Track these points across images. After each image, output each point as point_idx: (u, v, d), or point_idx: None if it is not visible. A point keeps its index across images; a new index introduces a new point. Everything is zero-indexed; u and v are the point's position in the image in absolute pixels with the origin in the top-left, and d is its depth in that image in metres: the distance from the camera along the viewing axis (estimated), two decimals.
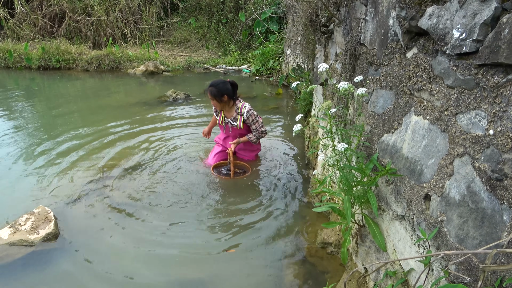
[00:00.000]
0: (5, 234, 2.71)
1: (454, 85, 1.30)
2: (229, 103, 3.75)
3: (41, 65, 10.04)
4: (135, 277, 2.45)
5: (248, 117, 3.75)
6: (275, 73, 9.30)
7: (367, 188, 1.83)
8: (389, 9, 1.76)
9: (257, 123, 3.79)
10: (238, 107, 3.77)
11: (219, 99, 3.64)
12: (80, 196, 3.38)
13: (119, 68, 10.37)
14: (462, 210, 1.27)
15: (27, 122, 5.58)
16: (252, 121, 3.77)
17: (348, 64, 2.26)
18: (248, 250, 2.71)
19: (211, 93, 3.64)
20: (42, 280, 2.42)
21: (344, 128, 2.13)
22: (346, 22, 2.51)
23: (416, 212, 1.56)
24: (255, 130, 3.82)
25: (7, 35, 11.23)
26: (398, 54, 1.71)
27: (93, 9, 11.13)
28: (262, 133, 3.86)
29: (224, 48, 11.85)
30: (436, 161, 1.42)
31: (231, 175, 3.78)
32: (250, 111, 3.74)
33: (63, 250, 2.70)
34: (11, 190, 3.49)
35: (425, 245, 1.49)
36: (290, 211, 3.22)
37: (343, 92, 1.81)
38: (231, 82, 3.75)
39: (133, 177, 3.77)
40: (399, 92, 1.72)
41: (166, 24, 12.92)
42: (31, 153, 4.33)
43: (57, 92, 7.81)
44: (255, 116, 3.78)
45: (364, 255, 2.13)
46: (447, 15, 1.31)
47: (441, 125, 1.39)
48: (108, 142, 4.69)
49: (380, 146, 1.91)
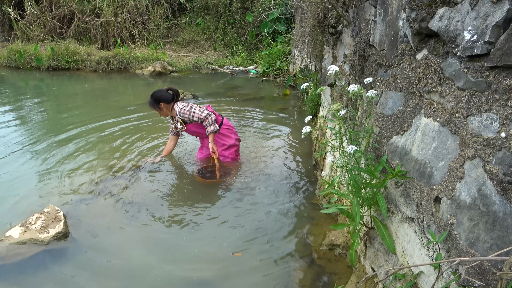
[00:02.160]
0: (16, 233, 2.75)
1: (465, 87, 1.30)
2: (169, 108, 3.81)
3: (50, 66, 10.16)
4: (143, 276, 2.46)
5: (182, 116, 3.73)
6: (282, 73, 9.30)
7: (376, 190, 1.82)
8: (399, 10, 1.75)
9: (194, 114, 3.70)
10: (175, 110, 3.79)
11: (158, 108, 3.80)
12: (89, 196, 3.41)
13: (127, 68, 10.45)
14: (473, 213, 1.26)
15: (36, 122, 5.64)
16: (190, 117, 3.72)
17: (357, 65, 2.25)
18: (255, 252, 2.71)
19: (149, 104, 3.82)
20: (52, 278, 2.44)
21: (353, 129, 2.12)
22: (355, 23, 2.50)
23: (425, 215, 1.55)
24: (201, 121, 3.74)
25: (17, 36, 11.38)
26: (408, 56, 1.70)
27: (101, 10, 11.23)
28: (206, 118, 3.70)
29: (231, 49, 11.88)
30: (446, 163, 1.41)
31: (217, 177, 3.70)
32: (182, 111, 3.71)
33: (73, 249, 2.73)
34: (21, 189, 3.53)
35: (435, 248, 1.49)
36: (297, 213, 3.22)
37: (352, 94, 1.80)
38: (168, 88, 3.84)
39: (142, 177, 3.79)
40: (408, 93, 1.71)
41: (173, 25, 12.99)
42: (40, 153, 4.38)
43: (66, 92, 7.89)
44: (189, 111, 3.70)
45: (373, 257, 2.12)
46: (458, 16, 1.30)
47: (451, 127, 1.38)
48: (116, 142, 4.72)
49: (389, 148, 1.90)
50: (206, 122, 3.71)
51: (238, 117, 6.01)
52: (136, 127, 5.31)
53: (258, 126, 5.54)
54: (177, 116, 3.78)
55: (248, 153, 4.46)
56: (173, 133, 4.03)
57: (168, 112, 3.85)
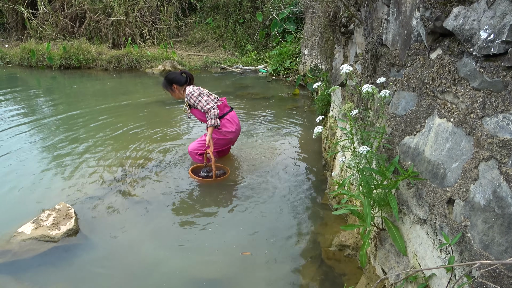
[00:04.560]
0: (28, 229, 2.78)
1: (480, 87, 1.27)
2: (181, 91, 3.85)
3: (62, 64, 10.26)
4: (153, 274, 2.48)
5: (189, 100, 3.74)
6: (292, 73, 9.27)
7: (388, 191, 1.81)
8: (413, 9, 1.73)
9: (199, 103, 3.68)
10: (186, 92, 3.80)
11: (170, 89, 3.87)
12: (100, 193, 3.44)
13: (138, 67, 10.52)
14: (488, 215, 1.24)
15: (47, 120, 5.71)
16: (195, 103, 3.70)
17: (369, 65, 2.24)
18: (264, 251, 2.71)
19: (163, 86, 3.89)
20: (63, 274, 2.47)
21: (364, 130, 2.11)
22: (367, 23, 2.48)
23: (438, 217, 1.53)
24: (204, 111, 3.69)
25: (30, 35, 11.52)
26: (422, 55, 1.68)
27: (112, 10, 11.31)
28: (209, 111, 3.63)
29: (241, 48, 11.88)
30: (460, 164, 1.39)
31: (213, 177, 3.68)
32: (190, 94, 3.71)
33: (83, 246, 2.76)
34: (33, 186, 3.57)
35: (448, 250, 1.47)
36: (306, 213, 3.21)
37: (365, 94, 1.79)
38: (182, 71, 3.91)
39: (152, 175, 3.81)
40: (422, 94, 1.69)
41: (183, 24, 13.04)
42: (52, 151, 4.43)
43: (77, 90, 7.97)
44: (196, 97, 3.69)
45: (384, 258, 2.10)
46: (474, 15, 1.28)
47: (466, 128, 1.36)
48: (127, 140, 4.76)
49: (402, 148, 1.88)
50: (208, 115, 3.67)
51: (247, 116, 6.01)
52: (146, 125, 5.35)
53: (267, 126, 5.54)
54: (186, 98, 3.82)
55: (258, 152, 4.46)
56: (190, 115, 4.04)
57: (180, 94, 3.89)
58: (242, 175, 3.86)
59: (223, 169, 3.90)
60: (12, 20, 12.00)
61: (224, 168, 3.91)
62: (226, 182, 3.70)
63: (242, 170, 3.97)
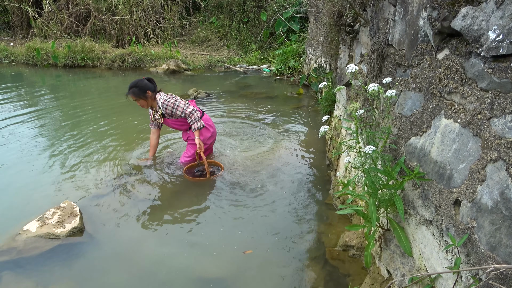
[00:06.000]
0: (34, 227, 2.79)
1: (488, 88, 1.27)
2: (153, 98, 3.70)
3: (66, 63, 10.31)
4: (157, 272, 2.48)
5: (165, 109, 3.66)
6: (296, 72, 9.26)
7: (394, 191, 1.80)
8: (420, 9, 1.72)
9: (178, 108, 3.63)
10: (158, 100, 3.71)
11: (144, 96, 3.64)
12: (104, 192, 3.45)
13: (142, 66, 10.55)
14: (495, 217, 1.23)
15: (52, 118, 5.73)
16: (173, 110, 3.64)
17: (375, 65, 2.23)
18: (268, 251, 2.71)
19: (134, 94, 3.62)
20: (68, 272, 2.48)
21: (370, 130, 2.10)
22: (373, 23, 2.47)
23: (444, 218, 1.53)
24: (185, 116, 3.67)
25: (35, 33, 11.58)
26: (428, 56, 1.68)
27: (117, 9, 11.35)
28: (192, 115, 3.65)
29: (244, 47, 11.88)
30: (467, 165, 1.39)
31: (207, 175, 3.69)
32: (165, 102, 3.63)
33: (88, 244, 2.77)
34: (37, 184, 3.59)
35: (454, 251, 1.46)
36: (310, 212, 3.20)
37: (371, 93, 1.78)
38: (147, 78, 3.74)
39: (156, 174, 3.82)
40: (428, 94, 1.68)
41: (188, 23, 13.05)
42: (56, 149, 4.45)
43: (82, 89, 8.00)
44: (173, 104, 3.63)
45: (388, 259, 2.09)
46: (482, 16, 1.27)
47: (473, 129, 1.36)
48: (132, 138, 4.77)
49: (407, 149, 1.87)
50: (191, 119, 3.66)
51: (251, 115, 6.01)
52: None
53: (271, 125, 5.53)
54: (157, 106, 3.71)
55: (261, 152, 4.46)
56: (154, 125, 3.93)
57: (152, 101, 3.73)
58: (246, 174, 3.86)
59: (217, 165, 3.91)
60: (18, 18, 12.07)
61: (218, 164, 3.92)
62: (230, 181, 3.70)
63: (245, 170, 3.97)
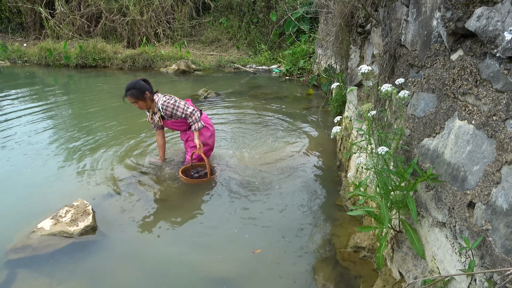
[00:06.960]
0: (47, 225, 2.84)
1: (504, 89, 1.25)
2: (151, 99, 3.66)
3: (78, 63, 10.45)
4: (167, 272, 2.50)
5: (165, 110, 3.63)
6: (305, 73, 9.25)
7: (406, 193, 1.79)
8: (433, 10, 1.71)
9: (178, 109, 3.62)
10: (156, 101, 3.68)
11: (142, 98, 3.59)
12: (117, 191, 3.49)
13: (152, 66, 10.64)
14: (510, 219, 1.22)
15: (65, 118, 5.81)
16: (174, 111, 3.62)
17: (387, 65, 2.22)
18: (278, 251, 2.71)
19: (133, 96, 3.57)
20: (81, 270, 2.51)
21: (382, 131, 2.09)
22: (385, 23, 2.46)
23: (458, 220, 1.51)
24: (186, 117, 3.67)
25: (47, 34, 11.75)
26: (442, 56, 1.66)
27: (128, 9, 11.46)
28: (192, 115, 3.66)
29: (254, 48, 11.90)
30: (481, 167, 1.37)
31: (208, 176, 3.67)
32: (165, 103, 3.61)
33: (101, 242, 2.80)
34: (51, 182, 3.65)
35: (467, 254, 1.45)
36: (321, 213, 3.20)
37: (384, 94, 1.77)
38: (143, 79, 3.70)
39: (167, 174, 3.85)
40: (442, 95, 1.67)
41: (197, 24, 13.12)
42: (69, 147, 4.51)
43: (93, 89, 8.09)
44: (173, 105, 3.61)
45: (401, 261, 2.08)
46: (497, 16, 1.26)
47: (488, 131, 1.34)
48: (143, 138, 4.81)
49: (420, 150, 1.86)
50: (192, 119, 3.67)
51: (261, 116, 6.01)
52: None
53: (281, 126, 5.53)
54: (156, 108, 3.71)
55: (271, 152, 4.46)
56: (157, 127, 3.93)
57: (150, 103, 3.69)
58: (255, 174, 3.87)
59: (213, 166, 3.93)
60: (31, 19, 12.25)
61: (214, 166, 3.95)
62: (239, 181, 3.71)
63: (255, 170, 3.98)
